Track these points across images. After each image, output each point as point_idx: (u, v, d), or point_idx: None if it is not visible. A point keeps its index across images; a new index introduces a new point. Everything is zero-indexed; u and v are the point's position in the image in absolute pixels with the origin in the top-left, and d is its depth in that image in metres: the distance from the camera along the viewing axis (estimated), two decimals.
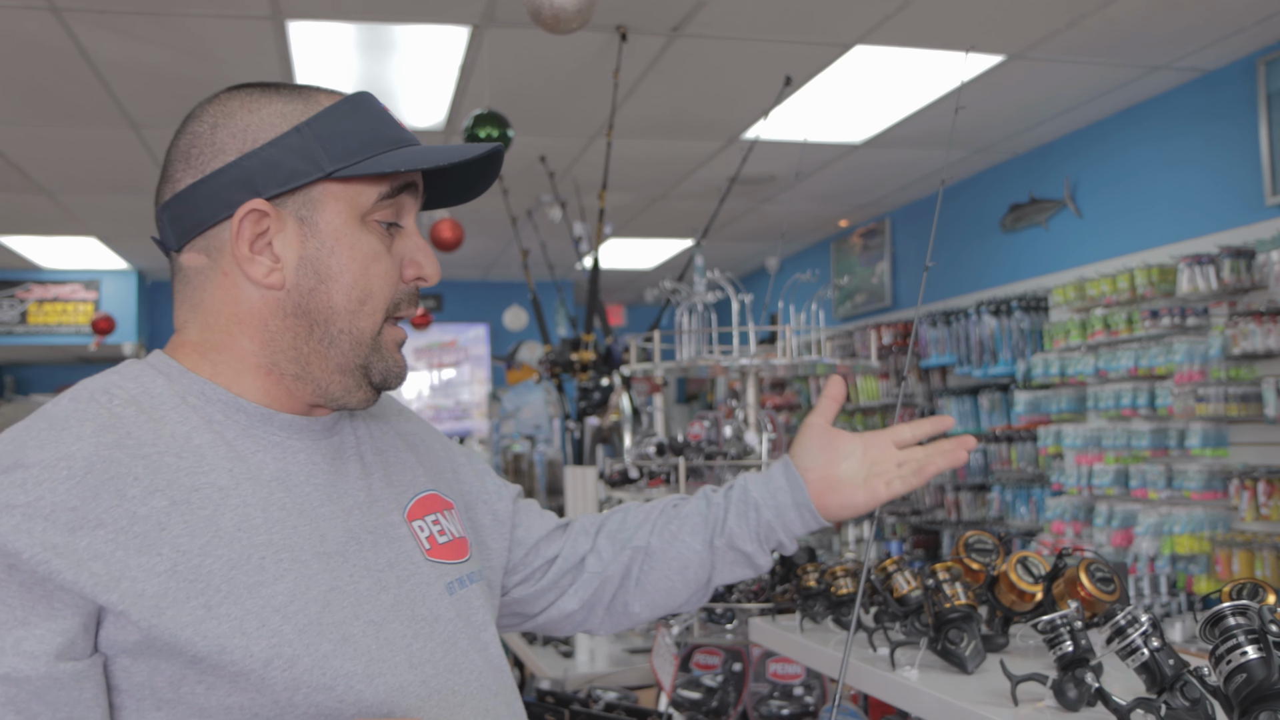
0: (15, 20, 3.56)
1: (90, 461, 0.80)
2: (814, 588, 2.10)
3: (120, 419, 0.85)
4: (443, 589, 1.00)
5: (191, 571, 0.81)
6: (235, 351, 0.93)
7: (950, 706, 1.45)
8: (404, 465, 1.07)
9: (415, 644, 0.94)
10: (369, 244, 0.94)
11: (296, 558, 0.88)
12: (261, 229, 0.91)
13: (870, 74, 4.26)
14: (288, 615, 0.84)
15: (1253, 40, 3.99)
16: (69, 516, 0.78)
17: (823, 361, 2.64)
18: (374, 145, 0.93)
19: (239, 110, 0.94)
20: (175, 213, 0.94)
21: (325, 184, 0.92)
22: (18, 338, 8.16)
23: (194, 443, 0.87)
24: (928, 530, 6.08)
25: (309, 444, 0.96)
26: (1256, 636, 1.14)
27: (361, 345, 0.94)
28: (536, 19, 2.97)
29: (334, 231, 0.93)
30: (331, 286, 0.92)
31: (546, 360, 4.98)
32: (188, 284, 0.95)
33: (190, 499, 0.84)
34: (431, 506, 1.06)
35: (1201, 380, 4.04)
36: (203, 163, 0.93)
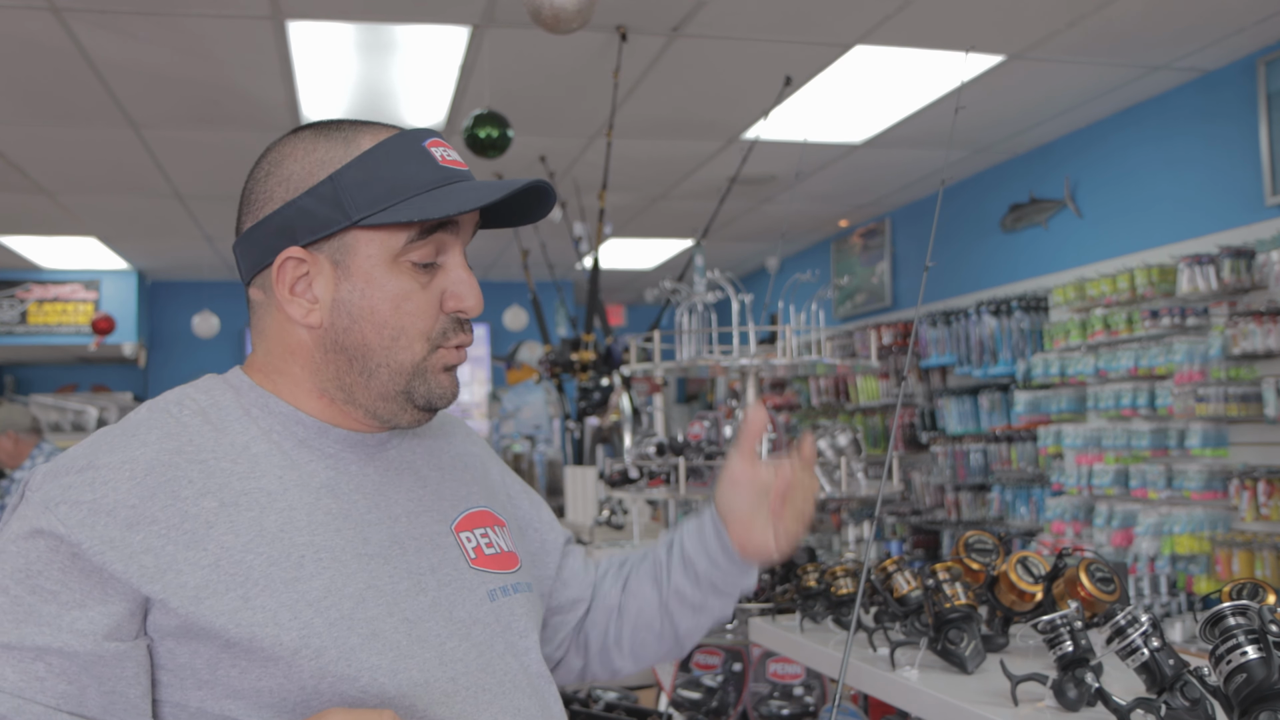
0: (15, 20, 3.56)
1: (151, 465, 0.90)
2: (814, 588, 2.10)
3: (186, 427, 0.95)
4: (484, 595, 1.05)
5: (233, 566, 0.89)
6: (291, 376, 1.02)
7: (950, 706, 1.45)
8: (459, 482, 1.13)
9: (449, 643, 0.99)
10: (399, 285, 0.99)
11: (336, 558, 0.94)
12: (301, 272, 0.99)
13: (870, 74, 4.26)
14: (320, 609, 0.91)
15: (1253, 40, 3.99)
16: (128, 513, 0.88)
17: (823, 361, 2.64)
18: (403, 190, 0.97)
19: (289, 158, 1.00)
20: (242, 250, 1.03)
21: (355, 231, 0.98)
22: (18, 338, 8.16)
23: (251, 451, 0.96)
24: (928, 530, 6.08)
25: (362, 457, 1.03)
26: (1256, 636, 1.14)
27: (401, 375, 1.00)
28: (536, 19, 2.97)
29: (364, 274, 0.98)
30: (364, 325, 0.98)
31: (546, 360, 4.98)
32: (255, 314, 1.04)
33: (239, 501, 0.92)
34: (482, 521, 1.12)
35: (1201, 380, 4.04)
36: (258, 208, 1.01)
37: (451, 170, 1.00)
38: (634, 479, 2.73)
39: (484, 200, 0.96)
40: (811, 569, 2.16)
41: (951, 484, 5.76)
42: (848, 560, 2.30)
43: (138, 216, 6.54)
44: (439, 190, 0.98)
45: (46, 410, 8.61)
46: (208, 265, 8.09)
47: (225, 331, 8.29)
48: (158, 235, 7.11)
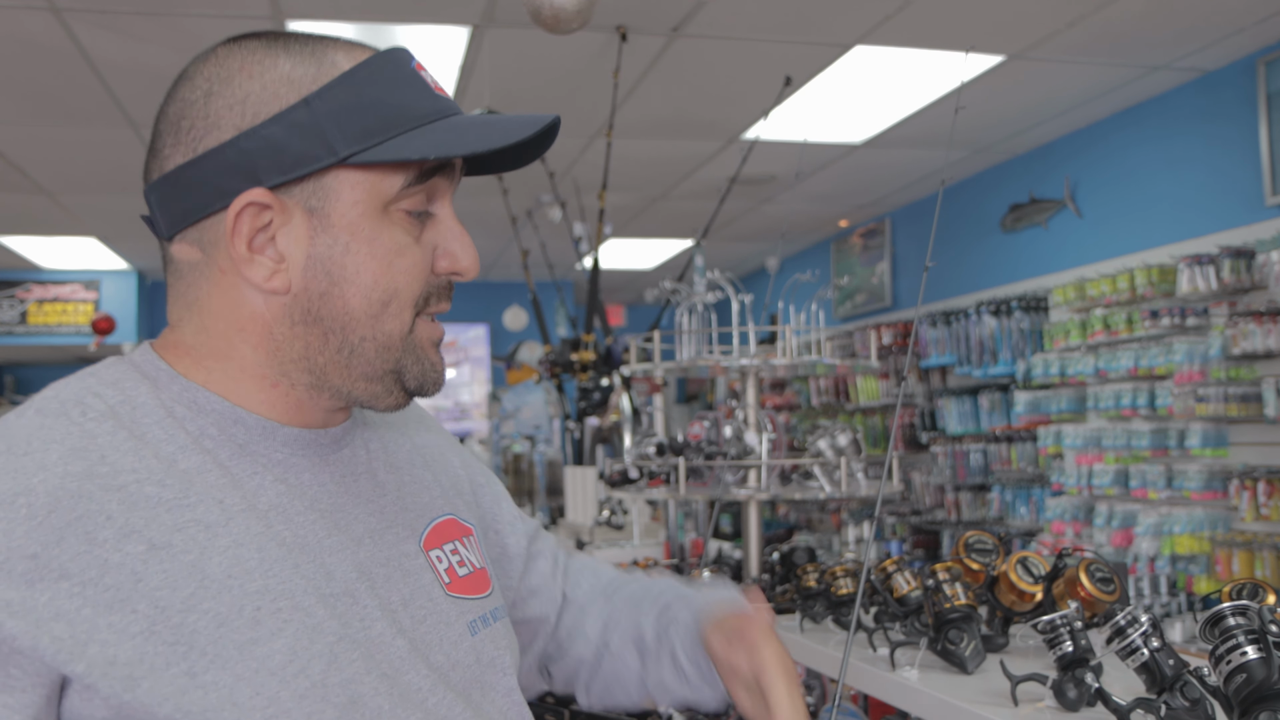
0: (16, 20, 3.56)
1: (55, 497, 0.67)
2: (814, 588, 2.10)
3: (94, 438, 0.71)
4: (464, 628, 0.87)
5: (172, 632, 0.68)
6: (235, 360, 0.80)
7: (950, 706, 1.45)
8: (421, 485, 0.94)
9: (432, 699, 0.80)
10: (392, 238, 0.79)
11: (298, 604, 0.74)
12: (263, 223, 0.77)
13: (870, 74, 4.26)
14: (285, 679, 0.71)
15: (1253, 40, 3.99)
16: (27, 566, 0.65)
17: (823, 361, 2.64)
18: (400, 121, 0.77)
19: (238, 74, 0.77)
20: (163, 195, 0.79)
21: (339, 170, 0.77)
22: (18, 338, 8.16)
23: (180, 467, 0.74)
24: (928, 530, 6.08)
25: (315, 461, 0.83)
26: (1256, 637, 1.14)
27: (391, 349, 0.81)
28: (536, 19, 2.97)
29: (349, 225, 0.78)
30: (347, 289, 0.78)
31: (546, 360, 4.98)
32: (180, 278, 0.81)
33: (172, 541, 0.70)
34: (450, 533, 0.93)
35: (1201, 380, 4.04)
36: (194, 139, 0.77)
37: (446, 100, 0.81)
38: (634, 479, 2.73)
39: (515, 136, 0.78)
40: (811, 569, 2.16)
41: (951, 484, 5.76)
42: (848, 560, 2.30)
43: (138, 217, 6.52)
44: (441, 123, 0.79)
45: None
46: None
47: None
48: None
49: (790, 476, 2.66)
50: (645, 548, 4.05)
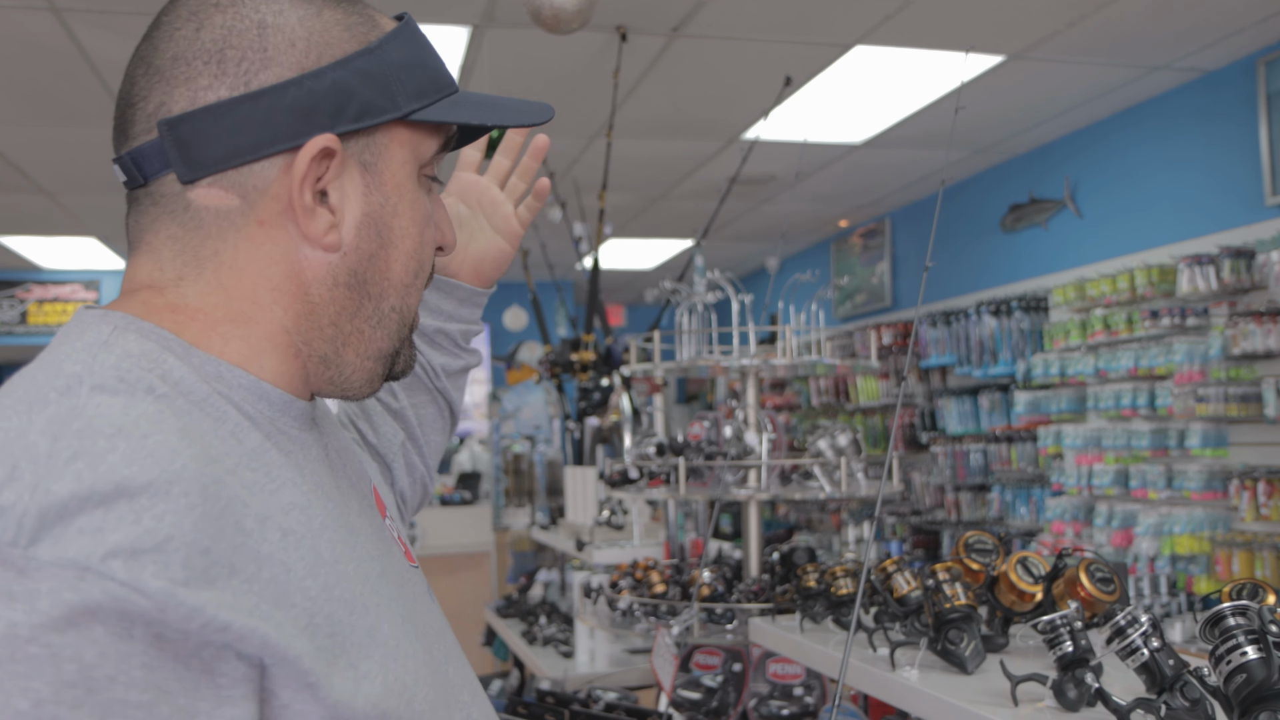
0: (16, 21, 3.56)
1: (202, 484, 0.59)
2: (814, 588, 2.11)
3: (187, 417, 0.63)
4: (427, 594, 0.86)
5: (325, 622, 0.63)
6: (260, 325, 0.71)
7: (950, 707, 1.46)
8: (351, 457, 0.87)
9: (447, 666, 0.79)
10: (424, 205, 0.78)
11: (372, 585, 0.71)
12: (321, 172, 0.71)
13: (870, 74, 4.26)
14: (401, 659, 0.70)
15: (1253, 40, 3.99)
16: (205, 562, 0.56)
17: (823, 361, 2.64)
18: (443, 85, 0.77)
19: (290, 9, 0.71)
20: (195, 131, 0.68)
21: (394, 127, 0.74)
22: (18, 338, 8.16)
23: (247, 444, 0.67)
24: (928, 530, 6.08)
25: (315, 438, 0.77)
26: (1256, 637, 1.14)
27: (405, 325, 0.78)
28: (536, 19, 2.97)
29: (398, 185, 0.75)
30: (393, 253, 0.75)
31: (546, 360, 4.98)
32: (195, 228, 0.70)
33: (291, 526, 0.65)
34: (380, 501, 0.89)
35: (1201, 380, 4.04)
36: (245, 71, 0.69)
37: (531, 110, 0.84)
38: (634, 479, 2.73)
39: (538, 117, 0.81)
40: (811, 569, 2.16)
41: (951, 484, 5.76)
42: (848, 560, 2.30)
43: None
44: (470, 94, 0.80)
45: None
46: None
47: None
48: None
49: (790, 476, 2.66)
50: (645, 548, 4.05)
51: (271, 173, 0.70)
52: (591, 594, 2.92)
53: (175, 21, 0.70)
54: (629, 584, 2.84)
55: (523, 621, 4.07)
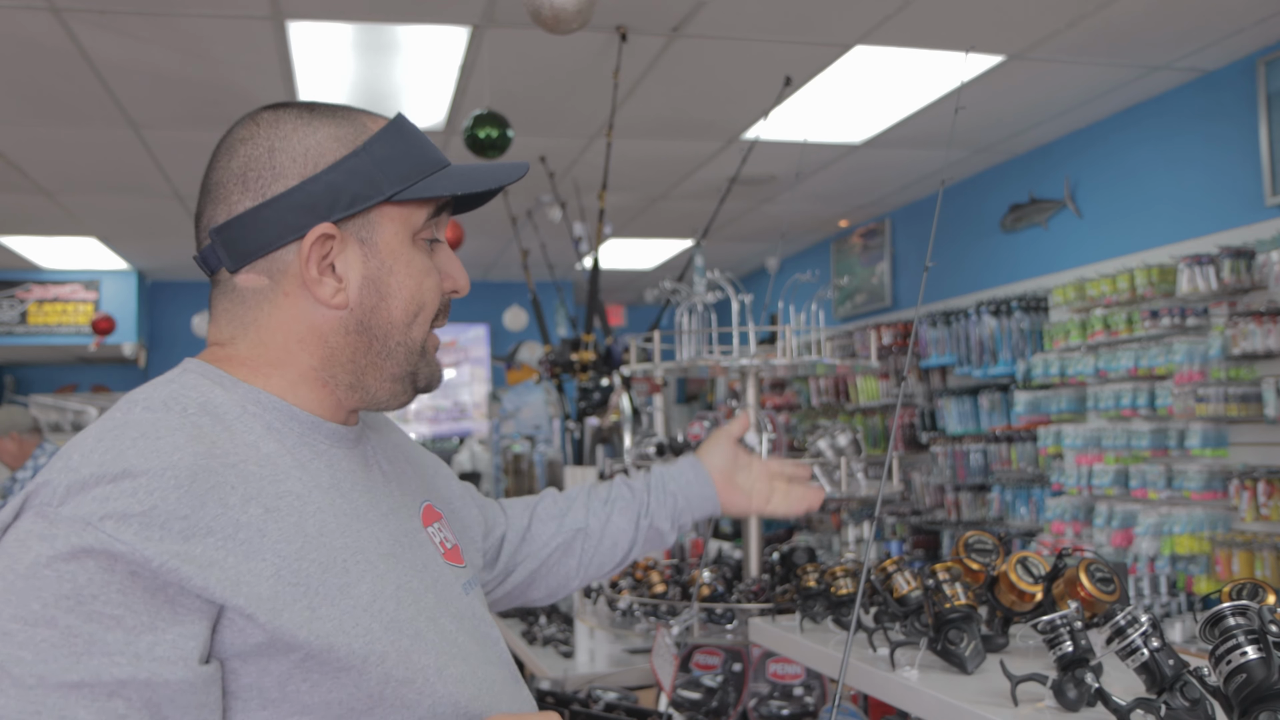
0: (15, 21, 3.57)
1: (194, 471, 0.83)
2: (814, 588, 2.10)
3: (201, 429, 0.87)
4: (460, 589, 1.07)
5: (292, 575, 0.85)
6: (294, 367, 0.98)
7: (950, 707, 1.46)
8: (405, 476, 1.12)
9: (460, 638, 1.00)
10: (421, 261, 1.00)
11: (367, 559, 0.93)
12: (326, 250, 0.96)
13: (870, 74, 4.26)
14: (374, 614, 0.90)
15: (1253, 40, 3.99)
16: (182, 525, 0.80)
17: (823, 361, 2.64)
18: (424, 167, 0.98)
19: (293, 134, 0.96)
20: (234, 235, 0.96)
21: (383, 206, 0.98)
22: (18, 338, 8.16)
23: (263, 451, 0.91)
24: (928, 530, 6.08)
25: (347, 452, 1.01)
26: (1256, 637, 1.14)
27: (413, 354, 1.01)
28: (536, 19, 2.97)
29: (391, 251, 0.98)
30: (391, 303, 0.98)
31: (546, 360, 4.98)
32: (240, 303, 0.98)
33: (279, 506, 0.88)
34: (433, 516, 1.13)
35: (1201, 380, 4.04)
36: (262, 186, 0.95)
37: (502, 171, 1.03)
38: None
39: (509, 178, 1.01)
40: (811, 569, 2.16)
41: (951, 484, 5.76)
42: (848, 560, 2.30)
43: (137, 217, 6.54)
44: (451, 169, 1.01)
45: (46, 411, 8.61)
46: None
47: None
48: (158, 235, 7.11)
49: None
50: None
51: (289, 256, 0.96)
52: (591, 594, 2.92)
53: (218, 156, 0.99)
54: (629, 584, 2.84)
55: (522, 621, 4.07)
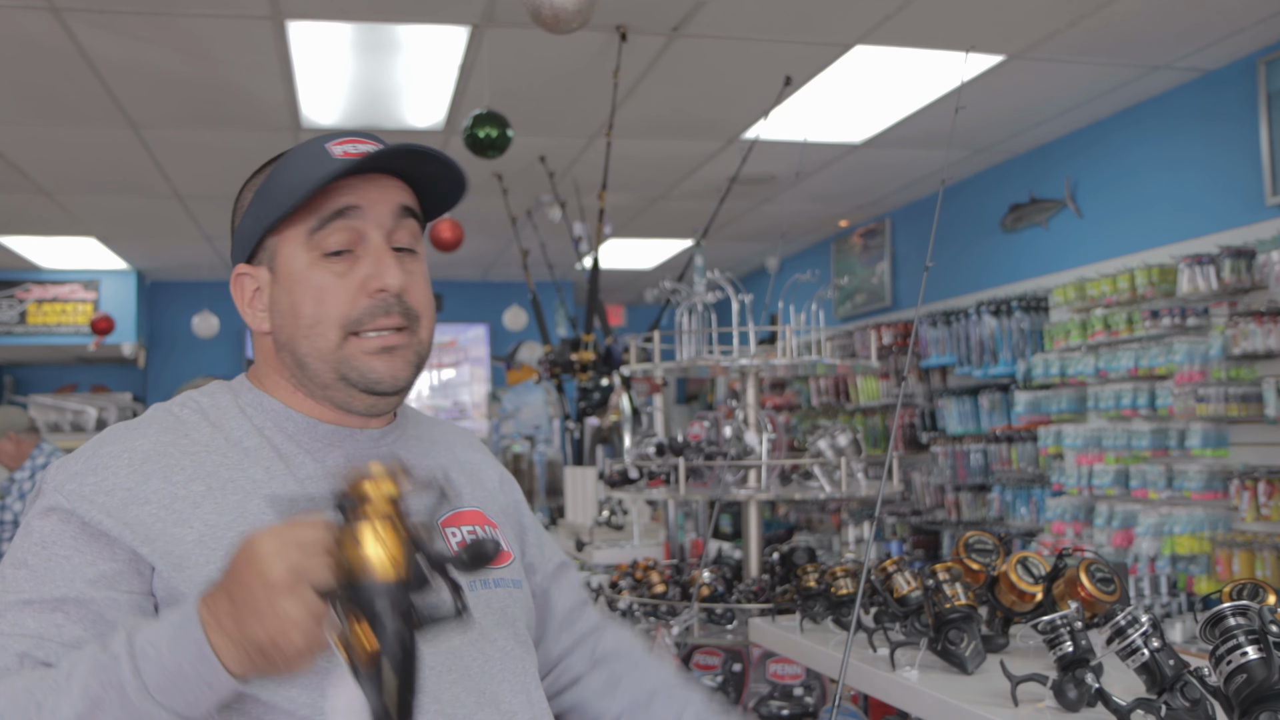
0: (15, 21, 3.56)
1: (148, 453, 1.02)
2: (814, 588, 2.10)
3: (184, 423, 1.07)
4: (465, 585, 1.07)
5: (214, 541, 0.98)
6: (274, 378, 1.12)
7: (950, 707, 1.45)
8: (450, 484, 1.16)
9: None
10: (318, 279, 1.06)
11: None
12: (254, 286, 1.10)
13: (870, 74, 4.26)
14: None
15: (1253, 40, 3.99)
16: (124, 495, 0.99)
17: (823, 361, 2.64)
18: (298, 189, 1.04)
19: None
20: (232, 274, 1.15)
21: (272, 237, 1.08)
22: (17, 338, 8.16)
23: (244, 444, 1.06)
24: (928, 530, 6.08)
25: (350, 451, 1.10)
26: (1257, 637, 1.14)
27: (327, 361, 1.07)
28: (536, 19, 2.97)
29: (289, 274, 1.07)
30: (298, 320, 1.07)
31: (546, 360, 4.98)
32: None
33: (226, 486, 1.02)
34: (470, 520, 1.16)
35: (1202, 380, 4.04)
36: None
37: (347, 161, 1.04)
38: (634, 479, 2.73)
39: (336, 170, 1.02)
40: (811, 569, 2.16)
41: (951, 484, 5.76)
42: (848, 560, 2.30)
43: (137, 216, 6.54)
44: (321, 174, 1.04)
45: (46, 410, 8.61)
46: (207, 265, 8.09)
47: (225, 332, 8.29)
48: (157, 235, 7.11)
49: (790, 476, 2.66)
50: (645, 548, 4.05)
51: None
52: (591, 594, 2.92)
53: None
54: (629, 584, 2.84)
55: None
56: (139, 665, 0.83)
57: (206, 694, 0.83)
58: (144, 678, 0.82)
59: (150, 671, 0.82)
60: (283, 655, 0.79)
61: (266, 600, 0.78)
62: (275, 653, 0.79)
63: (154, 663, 0.82)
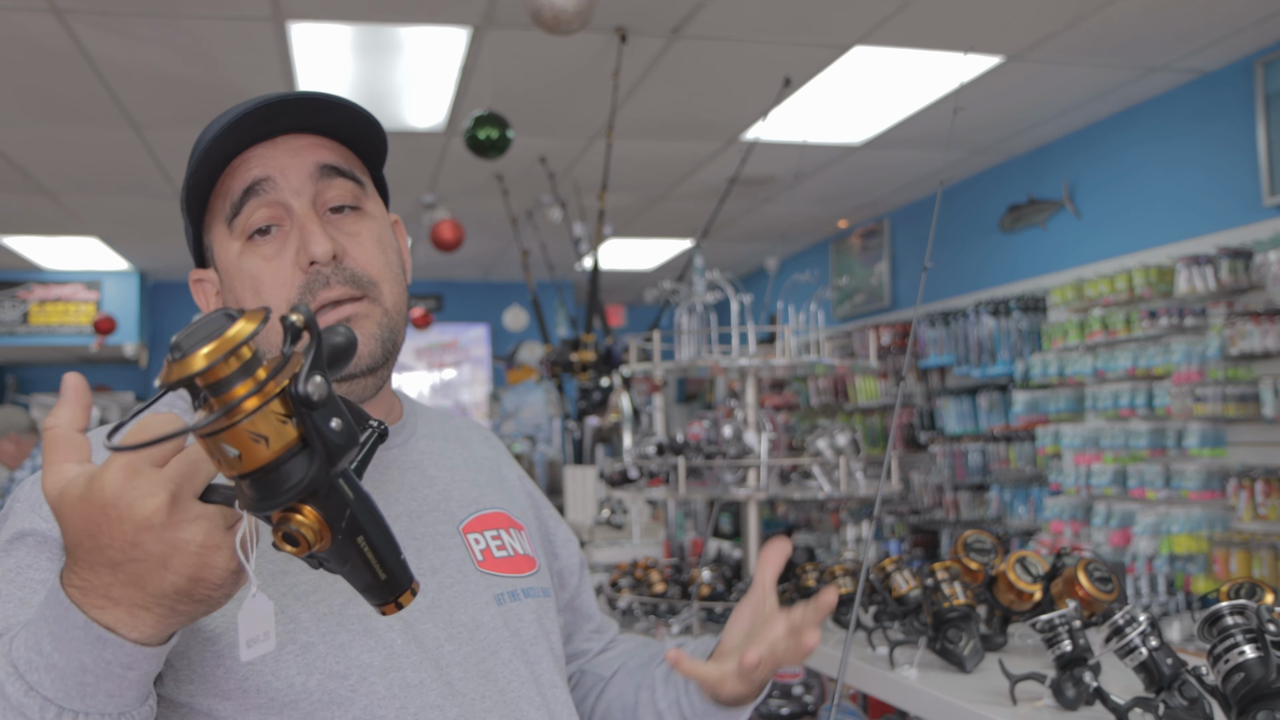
0: (17, 22, 3.57)
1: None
2: (813, 587, 2.11)
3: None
4: (490, 599, 1.02)
5: None
6: None
7: (949, 705, 1.46)
8: (470, 484, 1.10)
9: (448, 647, 0.96)
10: (250, 265, 0.98)
11: None
12: (215, 289, 1.03)
13: (870, 75, 4.26)
14: (308, 604, 0.90)
15: (1251, 41, 4.00)
16: None
17: (822, 362, 2.65)
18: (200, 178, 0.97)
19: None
20: None
21: (205, 235, 1.02)
22: (19, 338, 8.16)
23: None
24: (926, 530, 6.09)
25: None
26: (1254, 636, 1.15)
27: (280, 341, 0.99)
28: (536, 20, 2.98)
29: (226, 268, 1.00)
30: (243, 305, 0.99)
31: (546, 360, 4.99)
32: None
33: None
34: (495, 523, 1.09)
35: (1199, 380, 4.05)
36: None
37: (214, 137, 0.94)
38: (634, 479, 2.74)
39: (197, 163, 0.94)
40: (811, 569, 2.16)
41: (950, 484, 5.77)
42: (847, 560, 2.31)
43: (139, 217, 6.54)
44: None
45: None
46: None
47: None
48: (159, 235, 7.11)
49: (790, 476, 2.67)
50: (645, 547, 4.06)
51: None
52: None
53: None
54: (629, 583, 2.85)
55: None
56: (29, 680, 0.69)
57: (126, 676, 0.70)
58: (41, 691, 0.69)
59: (45, 682, 0.69)
60: (210, 585, 0.67)
61: (159, 541, 0.64)
62: (200, 589, 0.67)
63: (44, 670, 0.69)
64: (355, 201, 1.00)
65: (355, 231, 0.99)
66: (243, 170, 0.96)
